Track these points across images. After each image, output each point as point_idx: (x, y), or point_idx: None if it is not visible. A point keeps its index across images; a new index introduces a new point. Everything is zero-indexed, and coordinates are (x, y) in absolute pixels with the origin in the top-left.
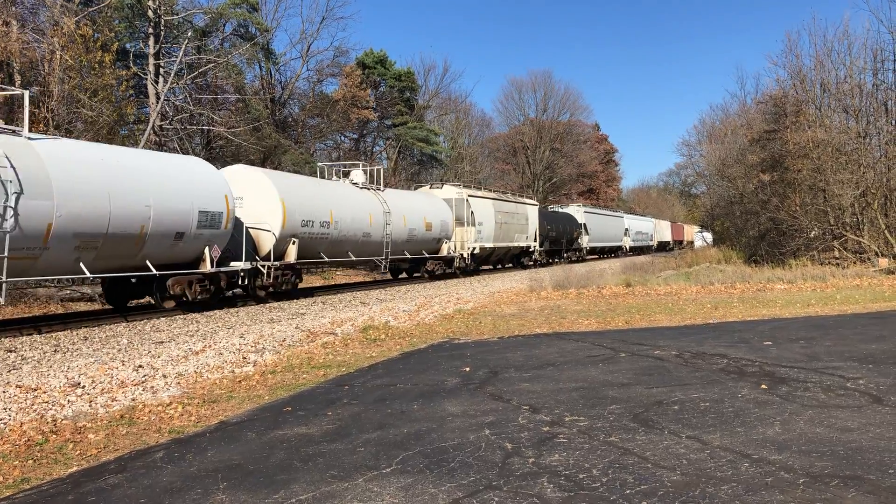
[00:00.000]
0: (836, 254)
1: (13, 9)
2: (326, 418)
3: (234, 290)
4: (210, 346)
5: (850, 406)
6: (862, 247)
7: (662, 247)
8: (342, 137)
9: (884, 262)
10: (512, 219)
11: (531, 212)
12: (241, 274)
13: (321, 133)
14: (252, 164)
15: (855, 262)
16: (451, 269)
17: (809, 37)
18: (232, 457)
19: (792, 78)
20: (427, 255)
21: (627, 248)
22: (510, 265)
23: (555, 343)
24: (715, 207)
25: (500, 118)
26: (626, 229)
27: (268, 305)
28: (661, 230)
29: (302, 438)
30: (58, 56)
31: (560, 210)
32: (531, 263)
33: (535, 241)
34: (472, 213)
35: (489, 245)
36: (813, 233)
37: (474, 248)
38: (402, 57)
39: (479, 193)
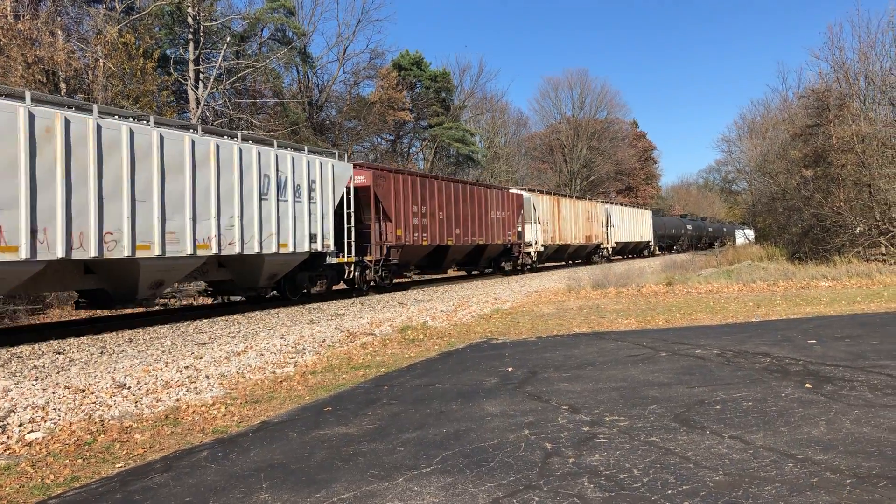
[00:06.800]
0: (883, 250)
1: (59, 19)
2: (366, 418)
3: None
4: (251, 346)
5: None
6: None
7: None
8: (379, 139)
9: None
10: None
11: None
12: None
13: (358, 135)
14: None
15: None
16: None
17: (852, 29)
18: (274, 456)
19: (835, 71)
20: None
21: None
22: None
23: (594, 343)
24: (756, 204)
25: (537, 117)
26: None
27: (307, 307)
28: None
29: (342, 438)
30: (101, 64)
31: None
32: None
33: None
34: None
35: None
36: (858, 229)
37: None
38: (438, 58)
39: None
